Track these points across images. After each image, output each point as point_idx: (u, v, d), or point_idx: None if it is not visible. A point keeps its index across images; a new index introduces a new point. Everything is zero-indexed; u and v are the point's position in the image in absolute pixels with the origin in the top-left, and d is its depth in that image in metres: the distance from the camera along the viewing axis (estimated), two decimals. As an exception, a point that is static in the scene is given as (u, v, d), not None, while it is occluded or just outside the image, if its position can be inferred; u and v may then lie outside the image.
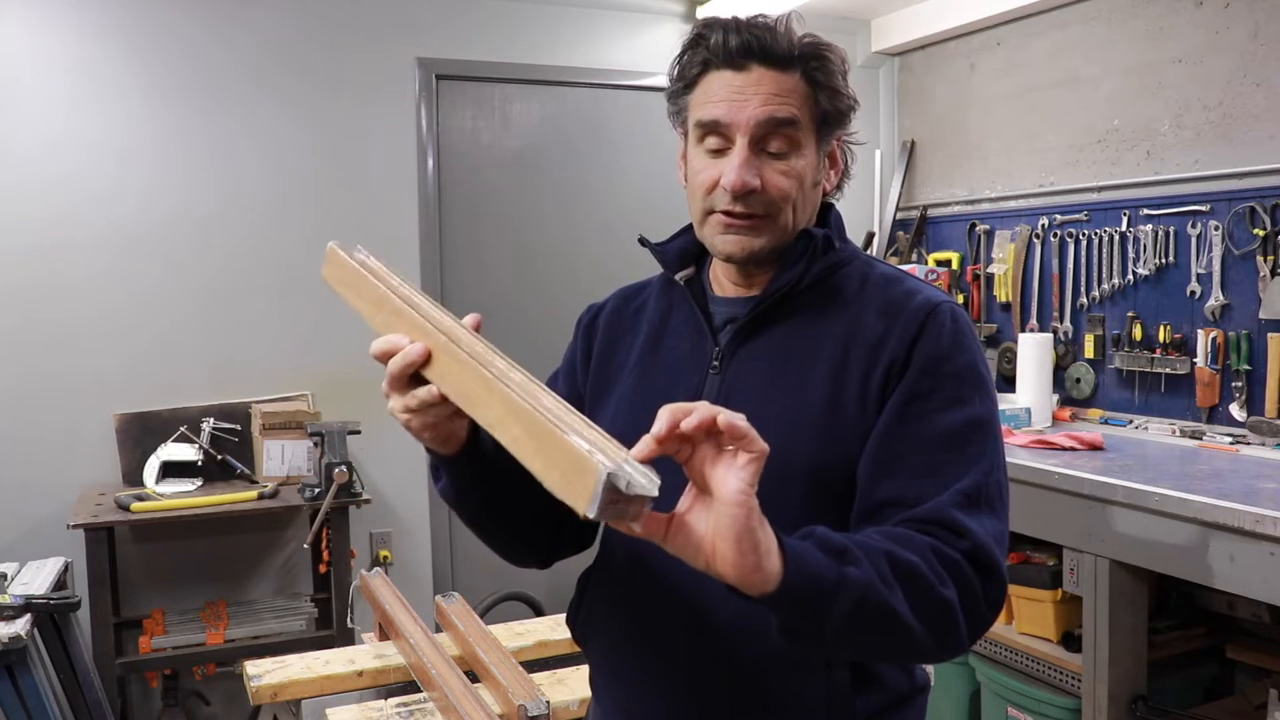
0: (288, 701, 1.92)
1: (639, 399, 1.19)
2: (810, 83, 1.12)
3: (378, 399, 1.12)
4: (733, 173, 1.09)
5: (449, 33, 3.51)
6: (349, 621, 3.02)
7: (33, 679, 2.52)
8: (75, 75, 3.10)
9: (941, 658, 1.00)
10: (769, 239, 1.13)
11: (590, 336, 1.29)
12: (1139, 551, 2.33)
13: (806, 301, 1.15)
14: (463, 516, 1.20)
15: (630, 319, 1.27)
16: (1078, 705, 2.51)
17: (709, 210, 1.14)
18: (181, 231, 3.23)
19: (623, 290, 1.33)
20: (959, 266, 3.76)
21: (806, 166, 1.13)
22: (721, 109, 1.11)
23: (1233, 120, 2.88)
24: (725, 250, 1.14)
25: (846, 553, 0.90)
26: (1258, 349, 2.80)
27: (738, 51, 1.11)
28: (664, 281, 1.28)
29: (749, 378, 1.14)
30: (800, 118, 1.11)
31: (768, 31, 1.11)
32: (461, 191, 3.59)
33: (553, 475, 0.80)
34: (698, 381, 1.16)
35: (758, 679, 1.10)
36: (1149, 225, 3.08)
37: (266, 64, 3.30)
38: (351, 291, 1.14)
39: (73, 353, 3.11)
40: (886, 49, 4.01)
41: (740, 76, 1.11)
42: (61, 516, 2.88)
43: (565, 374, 1.32)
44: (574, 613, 1.28)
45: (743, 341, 1.16)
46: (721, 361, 1.16)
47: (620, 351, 1.25)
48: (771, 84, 1.10)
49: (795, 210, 1.13)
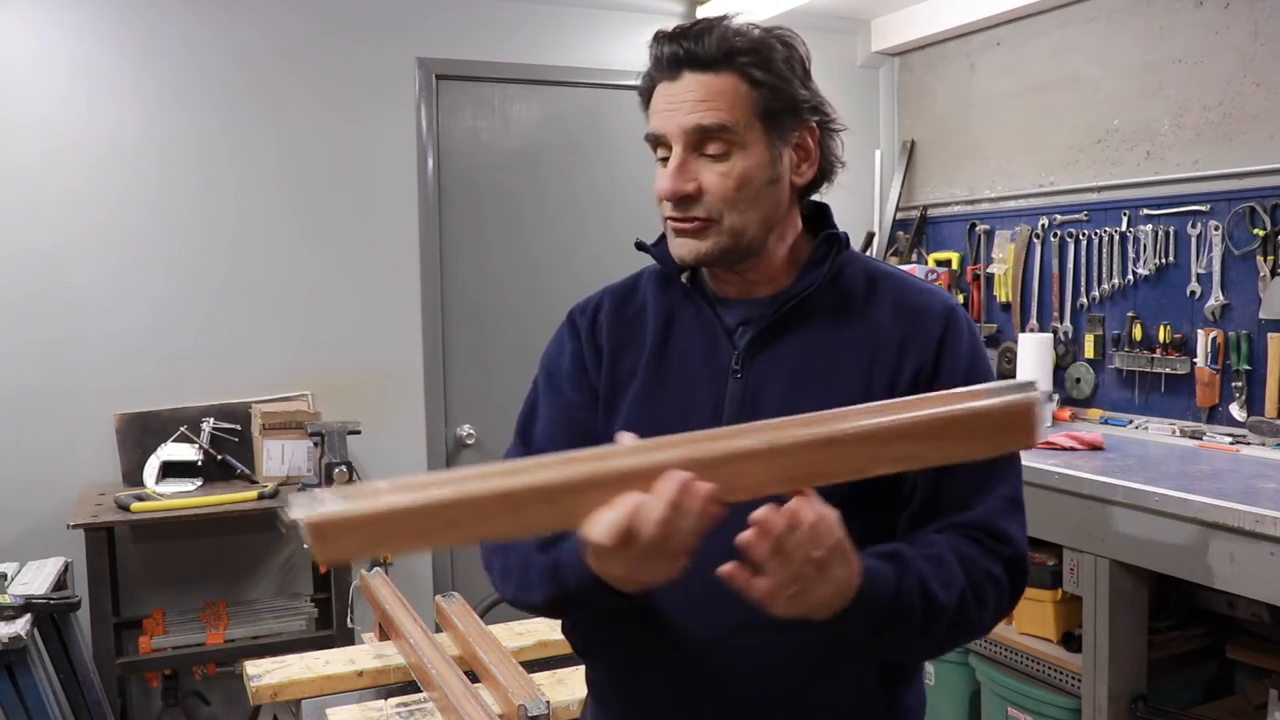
0: (288, 701, 1.92)
1: (653, 404, 1.16)
2: (748, 80, 1.11)
3: (378, 399, 1.12)
4: (664, 180, 1.11)
5: (449, 33, 3.51)
6: (349, 621, 3.02)
7: (33, 679, 2.52)
8: (75, 76, 3.09)
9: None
10: (715, 241, 1.12)
11: (596, 336, 1.23)
12: (1139, 551, 2.33)
13: (820, 303, 1.16)
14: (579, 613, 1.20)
15: (633, 320, 1.23)
16: (1078, 705, 2.50)
17: (665, 218, 1.15)
18: (181, 231, 3.23)
19: (611, 290, 1.27)
20: (959, 266, 3.76)
21: (752, 166, 1.11)
22: (658, 121, 1.12)
23: (1233, 120, 2.88)
24: (677, 255, 1.15)
25: (903, 567, 1.00)
26: (1258, 349, 2.80)
27: (669, 62, 1.12)
28: (657, 282, 1.24)
29: (772, 382, 1.13)
30: (734, 118, 1.10)
31: (696, 37, 1.10)
32: (461, 191, 3.59)
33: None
34: (719, 387, 1.15)
35: (792, 682, 1.11)
36: (1149, 225, 3.08)
37: (266, 64, 3.30)
38: (393, 538, 0.78)
39: (73, 353, 3.11)
40: (886, 49, 4.01)
41: (674, 86, 1.12)
42: (61, 516, 2.88)
43: (572, 375, 1.23)
44: (571, 624, 1.25)
45: (763, 345, 1.15)
46: (742, 366, 1.15)
47: (629, 354, 1.21)
48: (701, 89, 1.10)
49: (744, 210, 1.11)
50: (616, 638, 1.18)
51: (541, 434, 1.21)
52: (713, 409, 1.14)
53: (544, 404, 1.24)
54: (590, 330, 1.23)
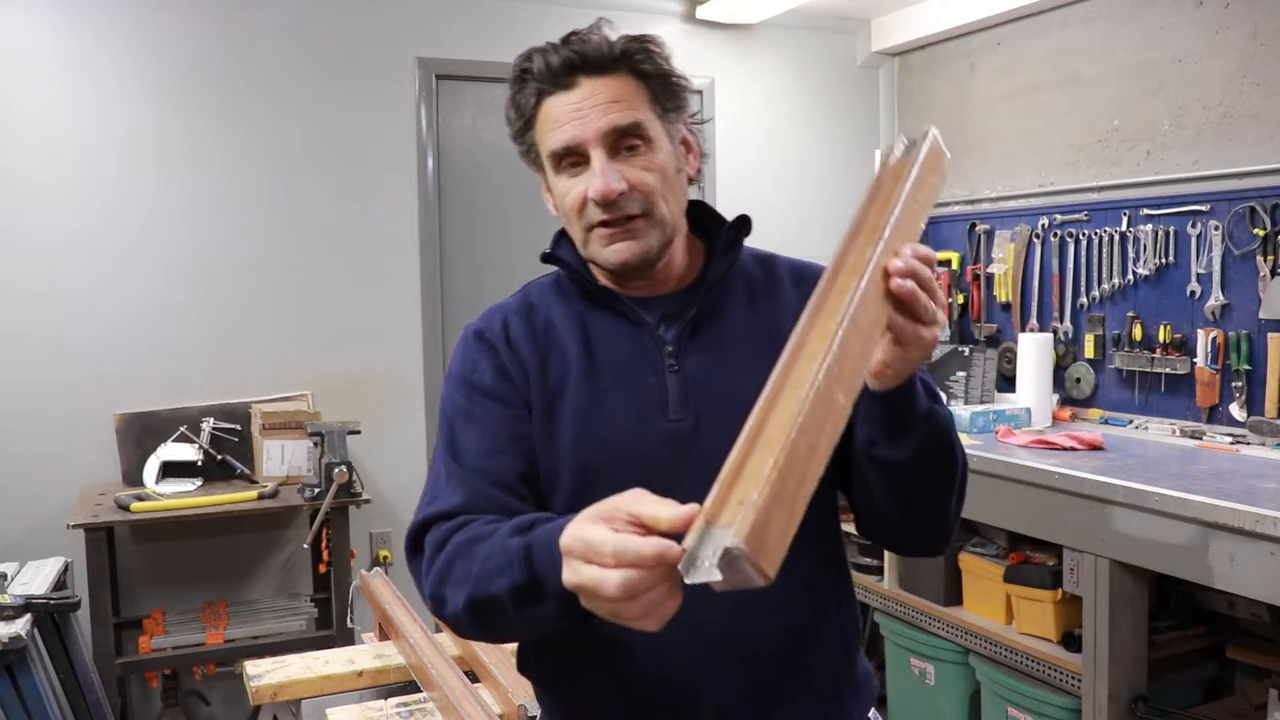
0: (288, 701, 1.92)
1: (595, 411, 1.14)
2: (639, 76, 1.14)
3: (378, 399, 1.12)
4: (596, 180, 1.10)
5: (449, 33, 3.51)
6: (349, 621, 3.02)
7: (33, 679, 2.52)
8: (75, 75, 3.10)
9: (955, 519, 1.15)
10: (656, 235, 1.13)
11: (515, 350, 1.17)
12: (1139, 551, 2.33)
13: (729, 289, 1.19)
14: (533, 630, 1.07)
15: (543, 332, 1.18)
16: (1078, 705, 2.50)
17: (588, 227, 1.14)
18: (182, 232, 3.23)
19: (508, 307, 1.23)
20: (959, 266, 3.76)
21: (664, 157, 1.14)
22: (568, 131, 1.11)
23: (1233, 120, 2.88)
24: (618, 259, 1.13)
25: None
26: (1258, 349, 2.80)
27: (562, 70, 1.12)
28: (555, 294, 1.22)
29: (709, 370, 1.15)
30: (642, 115, 1.12)
31: (584, 43, 1.12)
32: (461, 191, 3.59)
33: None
34: (657, 383, 1.14)
35: (789, 659, 1.14)
36: (1149, 225, 3.08)
37: (267, 64, 3.30)
38: (793, 502, 0.73)
39: (73, 352, 3.11)
40: (886, 49, 4.01)
41: (574, 94, 1.12)
42: (61, 516, 2.88)
43: (496, 388, 1.16)
44: (530, 660, 1.23)
45: (691, 336, 1.16)
46: (676, 359, 1.15)
47: (553, 366, 1.16)
48: (604, 91, 1.11)
49: (669, 201, 1.14)
50: (584, 671, 1.15)
51: (476, 449, 1.14)
52: (657, 405, 1.14)
53: (472, 419, 1.16)
54: (506, 344, 1.18)
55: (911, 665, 3.06)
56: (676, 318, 1.17)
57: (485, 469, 1.11)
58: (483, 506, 1.07)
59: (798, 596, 1.13)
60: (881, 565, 3.19)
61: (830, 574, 1.20)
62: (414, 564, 1.10)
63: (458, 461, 1.13)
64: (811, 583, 1.16)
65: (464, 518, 1.06)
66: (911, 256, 0.90)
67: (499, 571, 0.96)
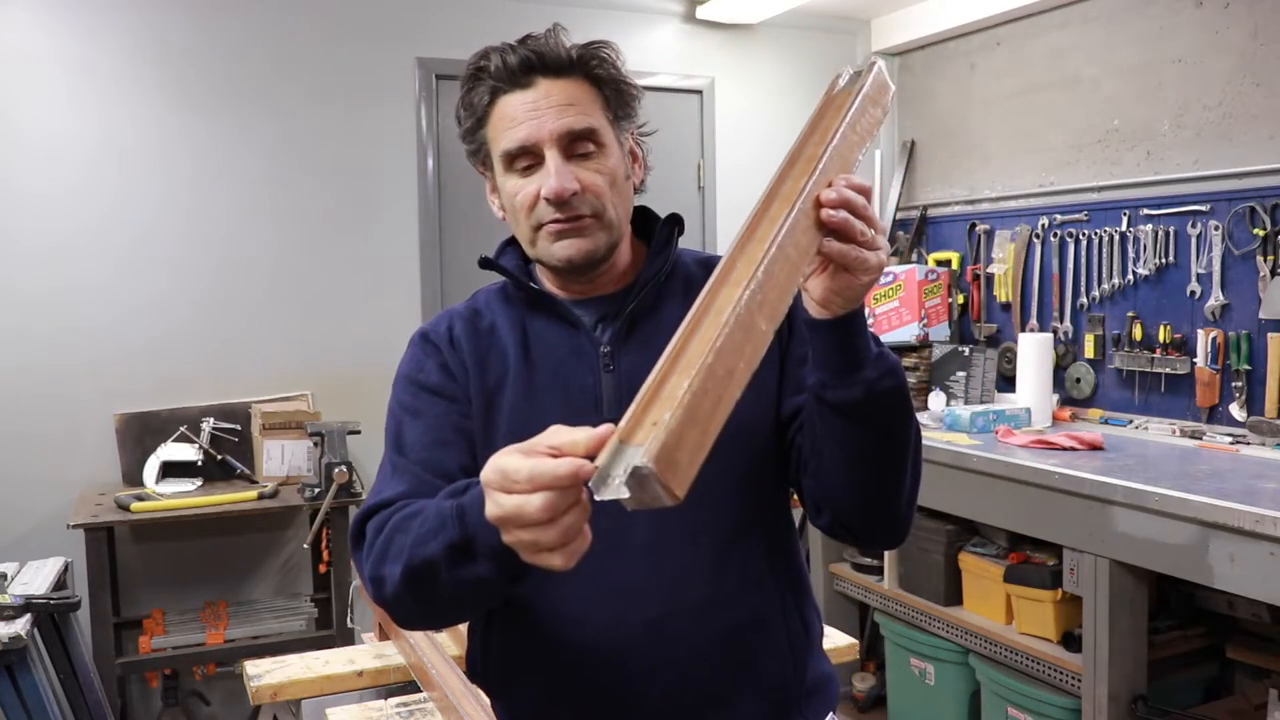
0: (288, 701, 1.92)
1: (532, 409, 1.15)
2: (594, 81, 1.16)
3: (378, 399, 1.11)
4: (551, 179, 1.11)
5: (449, 33, 3.51)
6: (349, 621, 3.02)
7: (33, 679, 2.52)
8: (75, 76, 3.10)
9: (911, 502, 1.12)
10: (603, 237, 1.15)
11: (458, 350, 1.21)
12: (1139, 551, 2.33)
13: (667, 289, 1.21)
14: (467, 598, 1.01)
15: (486, 334, 1.21)
16: (1078, 705, 2.51)
17: (537, 226, 1.15)
18: (182, 231, 3.23)
19: (455, 312, 1.25)
20: (959, 266, 3.76)
21: (615, 162, 1.16)
22: (523, 131, 1.13)
23: (1233, 120, 2.88)
24: (564, 256, 1.14)
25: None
26: (1258, 349, 2.80)
27: (520, 69, 1.14)
28: (499, 299, 1.24)
29: (644, 369, 1.13)
30: (597, 121, 1.14)
31: (543, 44, 1.15)
32: (461, 191, 3.59)
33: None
34: (592, 383, 1.16)
35: (727, 659, 1.14)
36: (1149, 225, 3.08)
37: (266, 64, 3.30)
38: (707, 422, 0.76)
39: (73, 352, 3.11)
40: (886, 49, 4.01)
41: (530, 94, 1.14)
42: (61, 516, 2.88)
43: (442, 385, 1.19)
44: (480, 662, 1.22)
45: (626, 335, 1.18)
46: (612, 359, 1.17)
47: (492, 366, 1.19)
48: (561, 93, 1.13)
49: (618, 206, 1.16)
50: (535, 662, 1.16)
51: (419, 441, 1.16)
52: (592, 404, 1.15)
53: (418, 415, 1.19)
54: (450, 345, 1.21)
55: (911, 665, 3.06)
56: (615, 318, 1.19)
57: (428, 459, 1.13)
58: (426, 494, 1.08)
59: (734, 596, 1.14)
60: (881, 565, 3.19)
61: (776, 575, 1.19)
62: (357, 555, 1.11)
63: (402, 454, 1.16)
64: (751, 582, 1.16)
65: (404, 503, 1.08)
66: (845, 186, 0.90)
67: (433, 535, 0.96)
